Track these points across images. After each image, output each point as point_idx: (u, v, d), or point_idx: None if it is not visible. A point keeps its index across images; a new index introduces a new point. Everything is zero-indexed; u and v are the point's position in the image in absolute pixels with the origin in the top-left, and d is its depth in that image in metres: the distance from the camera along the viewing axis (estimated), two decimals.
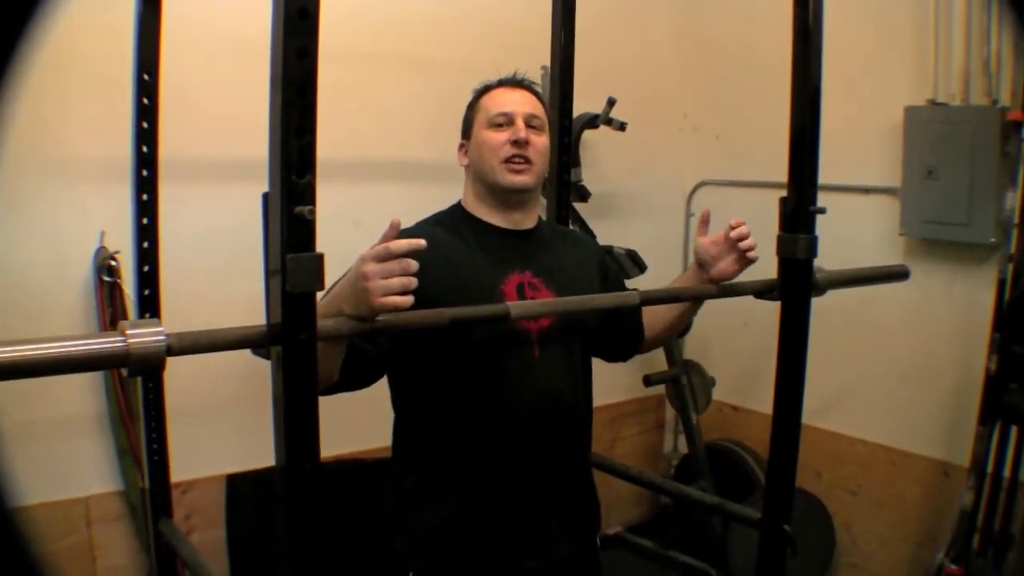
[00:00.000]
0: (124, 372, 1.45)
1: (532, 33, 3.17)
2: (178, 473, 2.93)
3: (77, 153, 2.92)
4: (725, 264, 2.23)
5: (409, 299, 1.67)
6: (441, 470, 2.10)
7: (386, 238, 1.71)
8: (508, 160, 2.12)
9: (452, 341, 2.01)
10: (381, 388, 2.19)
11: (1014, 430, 3.33)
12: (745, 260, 2.22)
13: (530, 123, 2.15)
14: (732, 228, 2.20)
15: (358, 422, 2.80)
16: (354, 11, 3.45)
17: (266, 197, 1.51)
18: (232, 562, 3.31)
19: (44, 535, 2.97)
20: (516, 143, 2.11)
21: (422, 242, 1.72)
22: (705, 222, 2.31)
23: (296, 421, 1.54)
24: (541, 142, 2.17)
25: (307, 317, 1.51)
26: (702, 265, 2.27)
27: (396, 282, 1.66)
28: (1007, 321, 3.34)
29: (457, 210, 2.24)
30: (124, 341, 1.39)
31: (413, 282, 1.68)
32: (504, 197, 2.17)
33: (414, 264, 1.68)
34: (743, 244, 2.19)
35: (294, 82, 1.44)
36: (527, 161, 2.13)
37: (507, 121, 2.14)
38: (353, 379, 1.96)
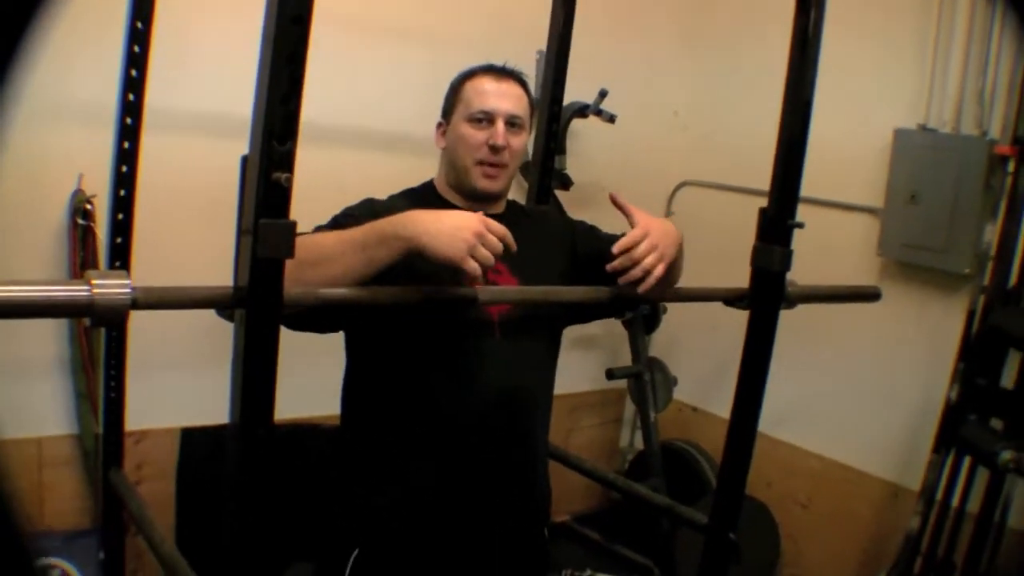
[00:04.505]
0: (87, 322, 1.44)
1: (531, 16, 3.17)
2: (133, 422, 2.91)
3: (62, 94, 2.89)
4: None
5: (480, 274, 1.77)
6: (393, 449, 2.09)
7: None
8: (482, 163, 2.10)
9: (413, 321, 2.00)
10: (342, 353, 2.19)
11: (967, 460, 3.36)
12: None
13: (511, 122, 2.12)
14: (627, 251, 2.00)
15: (318, 387, 2.78)
16: None
17: (245, 160, 1.50)
18: (179, 516, 3.30)
19: None
20: (493, 148, 2.09)
21: (514, 245, 1.85)
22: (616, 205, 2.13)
23: (253, 385, 1.53)
24: (518, 142, 2.14)
25: (275, 283, 1.50)
26: None
27: (486, 254, 1.76)
28: (973, 353, 3.36)
29: (429, 189, 2.22)
30: (89, 291, 1.37)
31: (492, 263, 1.79)
32: (473, 195, 2.15)
33: (500, 251, 1.80)
34: (635, 274, 1.99)
35: (285, 48, 1.42)
36: (502, 165, 2.11)
37: (487, 119, 2.10)
38: (317, 320, 1.96)
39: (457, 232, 1.76)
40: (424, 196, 2.18)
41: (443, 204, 2.15)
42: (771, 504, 4.16)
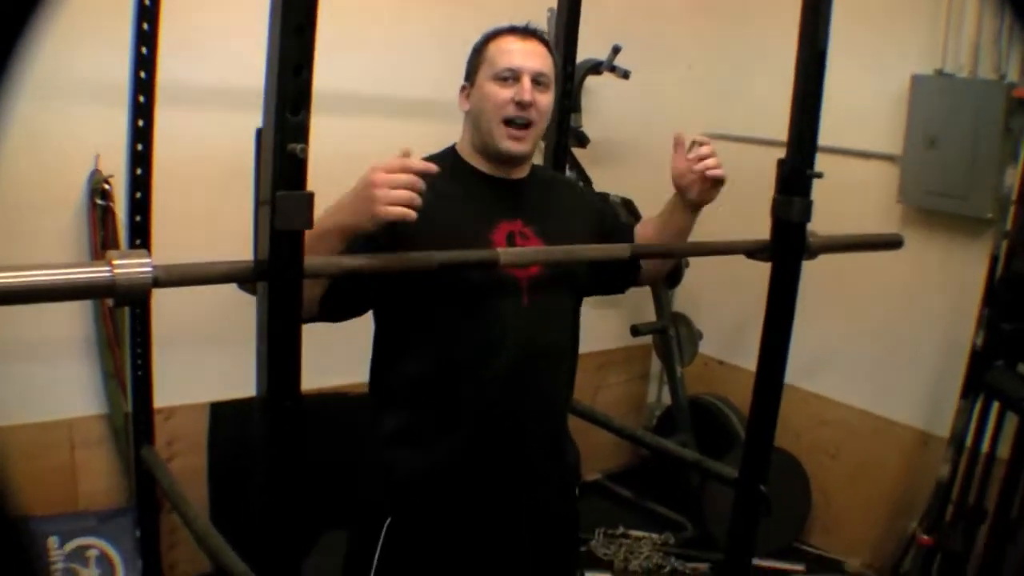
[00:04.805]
0: (110, 302, 1.44)
1: None
2: (162, 399, 2.92)
3: (76, 75, 2.89)
4: (699, 190, 2.18)
5: (412, 214, 1.71)
6: (423, 416, 2.09)
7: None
8: (509, 122, 2.06)
9: (439, 286, 1.99)
10: (369, 322, 2.18)
11: (995, 405, 3.34)
12: (712, 181, 2.16)
13: (537, 80, 2.07)
14: (695, 145, 2.16)
15: (344, 354, 2.78)
16: None
17: (259, 133, 1.50)
18: (212, 490, 3.33)
19: (28, 456, 3.00)
20: (520, 104, 2.04)
21: (435, 167, 1.77)
22: (679, 145, 2.22)
23: (279, 357, 1.54)
24: (545, 100, 2.10)
25: (295, 255, 1.51)
26: (681, 191, 2.22)
27: (403, 194, 1.70)
28: (997, 298, 3.34)
29: (450, 154, 2.18)
30: (110, 271, 1.38)
31: (418, 199, 1.72)
32: (498, 158, 2.12)
33: (421, 183, 1.73)
34: (701, 165, 2.13)
35: (294, 18, 1.41)
36: (528, 125, 2.07)
37: (513, 77, 2.06)
38: (332, 313, 1.96)
39: (361, 195, 1.73)
40: (445, 161, 2.10)
41: (465, 168, 2.14)
42: (800, 455, 4.17)
